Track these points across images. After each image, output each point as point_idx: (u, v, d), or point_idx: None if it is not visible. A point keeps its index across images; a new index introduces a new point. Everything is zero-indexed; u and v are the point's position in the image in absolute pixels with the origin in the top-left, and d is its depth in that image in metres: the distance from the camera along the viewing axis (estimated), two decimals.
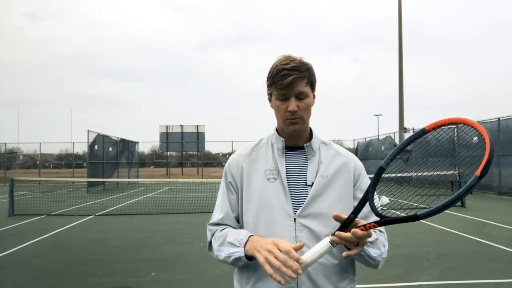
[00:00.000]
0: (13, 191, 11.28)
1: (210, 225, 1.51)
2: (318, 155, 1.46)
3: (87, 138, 20.45)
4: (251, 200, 1.43)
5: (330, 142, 1.54)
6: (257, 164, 1.47)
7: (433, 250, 6.34)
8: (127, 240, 7.54)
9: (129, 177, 27.38)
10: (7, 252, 6.59)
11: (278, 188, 1.40)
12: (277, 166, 1.44)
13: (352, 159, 1.50)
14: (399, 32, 26.24)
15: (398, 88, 26.18)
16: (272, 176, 1.43)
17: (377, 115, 48.96)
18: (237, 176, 1.47)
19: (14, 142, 46.11)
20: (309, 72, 1.40)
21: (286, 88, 1.36)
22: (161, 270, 5.44)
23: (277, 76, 1.36)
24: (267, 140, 1.53)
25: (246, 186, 1.44)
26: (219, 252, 1.40)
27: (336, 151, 1.50)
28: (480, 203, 12.98)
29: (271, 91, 1.43)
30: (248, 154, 1.51)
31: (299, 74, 1.36)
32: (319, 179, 1.41)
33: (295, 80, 1.35)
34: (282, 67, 1.36)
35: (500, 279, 4.89)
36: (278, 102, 1.41)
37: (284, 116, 1.40)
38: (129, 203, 14.28)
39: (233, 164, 1.51)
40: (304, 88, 1.38)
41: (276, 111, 1.45)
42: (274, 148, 1.48)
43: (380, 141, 25.88)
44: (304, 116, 1.41)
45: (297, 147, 1.48)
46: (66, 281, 5.09)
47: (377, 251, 1.34)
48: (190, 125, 33.29)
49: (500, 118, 15.84)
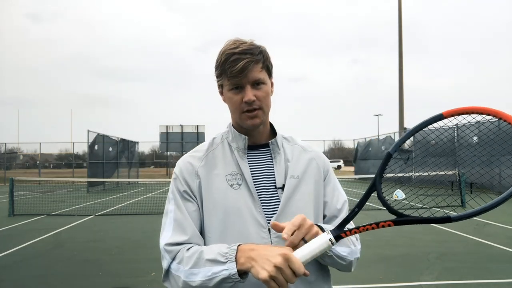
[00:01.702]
0: (13, 191, 11.29)
1: (168, 245, 1.16)
2: (282, 152, 1.29)
3: (87, 138, 20.48)
4: (214, 213, 1.19)
5: (292, 136, 1.38)
6: (215, 168, 1.24)
7: (433, 250, 6.34)
8: (127, 240, 7.54)
9: (129, 177, 27.41)
10: (7, 252, 6.59)
11: (244, 195, 1.20)
12: (240, 169, 1.23)
13: (320, 155, 1.35)
14: (399, 32, 26.25)
15: (398, 88, 26.20)
16: (236, 181, 1.22)
17: (377, 115, 49.01)
18: (194, 184, 1.22)
19: (14, 142, 46.15)
20: (263, 55, 1.21)
21: (239, 75, 1.16)
22: (161, 270, 5.40)
23: (227, 62, 1.16)
24: (221, 139, 1.32)
25: (206, 196, 1.21)
26: (191, 277, 1.08)
27: (301, 146, 1.34)
28: (480, 203, 12.95)
29: (221, 82, 1.24)
30: (203, 157, 1.27)
31: (252, 57, 1.17)
32: (290, 180, 1.24)
33: (248, 64, 1.16)
34: (231, 51, 1.17)
35: (500, 279, 4.89)
36: (231, 93, 1.21)
37: (240, 108, 1.20)
38: (129, 203, 14.28)
39: (186, 169, 1.25)
40: (260, 74, 1.19)
41: (229, 104, 1.24)
42: (232, 149, 1.27)
43: (380, 141, 25.87)
44: (264, 107, 1.22)
45: (259, 145, 1.30)
46: (66, 281, 5.08)
47: (346, 249, 1.18)
48: (190, 125, 33.28)
49: None
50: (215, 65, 1.23)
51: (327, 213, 1.30)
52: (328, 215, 1.30)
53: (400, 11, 26.20)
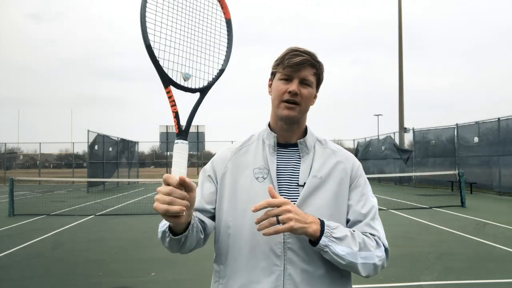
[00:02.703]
0: (13, 191, 11.28)
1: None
2: (312, 153, 1.36)
3: (87, 138, 20.45)
4: (237, 200, 1.31)
5: (327, 140, 1.44)
6: (245, 161, 1.36)
7: (433, 250, 6.34)
8: (127, 240, 7.54)
9: (129, 177, 27.39)
10: (7, 252, 6.59)
11: (266, 188, 1.26)
12: (267, 164, 1.33)
13: (349, 159, 1.39)
14: (399, 33, 26.26)
15: (398, 88, 26.21)
16: (261, 175, 1.32)
17: (377, 115, 48.91)
18: (219, 172, 1.36)
19: (14, 142, 46.17)
20: (319, 66, 1.33)
21: (294, 67, 1.28)
22: (161, 270, 5.43)
23: (288, 54, 1.29)
24: (258, 136, 1.42)
25: (233, 184, 1.33)
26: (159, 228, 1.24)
27: (331, 150, 1.39)
28: (480, 203, 12.97)
29: (275, 70, 1.35)
30: (236, 151, 1.40)
31: (310, 59, 1.29)
32: (312, 179, 1.31)
33: (305, 62, 1.28)
34: (296, 48, 1.30)
35: (500, 279, 4.89)
36: (280, 82, 1.32)
37: (282, 97, 1.30)
38: (129, 203, 14.27)
39: (219, 159, 1.40)
40: (311, 76, 1.31)
41: (274, 91, 1.34)
42: (265, 145, 1.37)
43: (380, 141, 25.86)
44: (303, 105, 1.31)
45: (290, 144, 1.37)
46: (66, 281, 5.08)
47: (345, 249, 1.18)
48: None
49: (500, 118, 15.84)
50: (276, 59, 1.34)
51: (351, 217, 1.32)
52: (352, 219, 1.32)
53: (400, 11, 26.21)
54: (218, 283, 1.33)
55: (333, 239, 1.18)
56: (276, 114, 1.35)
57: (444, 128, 19.81)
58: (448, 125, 19.48)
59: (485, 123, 16.96)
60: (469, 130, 18.01)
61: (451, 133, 19.29)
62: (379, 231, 1.30)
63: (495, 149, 16.02)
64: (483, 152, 16.90)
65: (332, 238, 1.18)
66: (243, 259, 1.28)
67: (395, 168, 23.14)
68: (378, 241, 1.28)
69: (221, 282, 1.32)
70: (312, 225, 1.17)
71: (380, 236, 1.29)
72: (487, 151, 16.62)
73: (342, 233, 1.20)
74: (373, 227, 1.30)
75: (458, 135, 18.62)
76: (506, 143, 15.46)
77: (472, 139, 17.61)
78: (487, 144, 16.61)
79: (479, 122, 17.28)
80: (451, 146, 19.23)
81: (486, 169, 16.64)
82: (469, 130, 17.97)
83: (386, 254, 1.29)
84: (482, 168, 16.92)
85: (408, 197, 14.87)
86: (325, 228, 1.18)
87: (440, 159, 19.78)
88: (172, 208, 1.03)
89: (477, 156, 17.31)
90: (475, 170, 17.18)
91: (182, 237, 1.17)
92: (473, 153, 17.56)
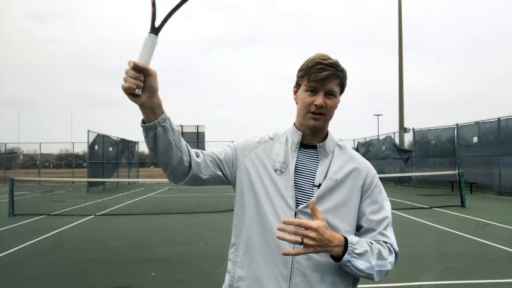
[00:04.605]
0: (13, 191, 11.28)
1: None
2: (330, 157, 1.42)
3: (87, 138, 20.44)
4: (255, 188, 1.39)
5: (346, 146, 1.50)
6: (268, 153, 1.45)
7: (433, 250, 6.34)
8: (127, 240, 7.53)
9: (129, 177, 27.38)
10: (7, 252, 6.59)
11: (283, 181, 1.37)
12: (287, 160, 1.41)
13: (366, 167, 1.44)
14: (399, 33, 26.25)
15: (398, 88, 26.20)
16: (280, 168, 1.40)
17: (377, 115, 48.94)
18: (242, 154, 1.46)
19: (14, 142, 46.22)
20: (343, 74, 1.38)
21: (319, 81, 1.33)
22: (161, 270, 5.43)
23: (313, 68, 1.34)
24: (283, 133, 1.51)
25: (253, 171, 1.42)
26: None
27: (350, 155, 1.45)
28: (480, 203, 12.97)
29: (301, 82, 1.40)
30: (263, 141, 1.49)
31: (335, 72, 1.34)
32: (327, 181, 1.37)
33: (330, 76, 1.33)
34: (320, 61, 1.34)
35: (500, 279, 4.89)
36: (306, 94, 1.37)
37: (308, 109, 1.37)
38: (129, 203, 14.27)
39: (246, 143, 1.49)
40: (335, 87, 1.37)
41: (300, 102, 1.40)
42: (288, 142, 1.45)
43: (380, 141, 25.86)
44: (328, 115, 1.38)
45: (311, 146, 1.44)
46: (66, 281, 5.08)
47: (365, 264, 1.26)
48: (190, 125, 33.28)
49: (500, 118, 15.84)
50: (300, 67, 1.40)
51: (364, 224, 1.38)
52: (365, 226, 1.38)
53: (400, 12, 26.20)
54: (234, 254, 1.42)
55: (354, 255, 1.24)
56: (302, 122, 1.42)
57: (444, 128, 19.80)
58: (448, 125, 19.48)
59: (485, 123, 16.95)
60: (469, 130, 18.00)
61: (451, 133, 19.29)
62: (391, 239, 1.37)
63: (495, 149, 16.02)
64: (483, 152, 16.90)
65: (354, 254, 1.24)
66: (258, 242, 1.36)
67: (395, 168, 23.14)
68: (390, 248, 1.35)
69: (236, 254, 1.41)
70: (335, 248, 1.22)
71: (392, 243, 1.36)
72: (487, 151, 16.62)
73: (363, 248, 1.26)
74: (386, 235, 1.36)
75: (458, 135, 18.62)
76: (506, 143, 15.46)
77: (472, 139, 17.61)
78: (487, 144, 16.61)
79: (479, 122, 17.27)
80: (451, 146, 19.23)
81: (486, 169, 16.63)
82: (469, 130, 17.96)
83: (396, 258, 1.37)
84: (482, 168, 16.92)
85: (408, 197, 14.86)
86: (348, 245, 1.24)
87: (440, 159, 19.77)
88: (123, 85, 1.15)
89: (477, 156, 17.31)
90: (475, 170, 17.18)
91: (149, 127, 1.23)
92: (473, 153, 17.56)
